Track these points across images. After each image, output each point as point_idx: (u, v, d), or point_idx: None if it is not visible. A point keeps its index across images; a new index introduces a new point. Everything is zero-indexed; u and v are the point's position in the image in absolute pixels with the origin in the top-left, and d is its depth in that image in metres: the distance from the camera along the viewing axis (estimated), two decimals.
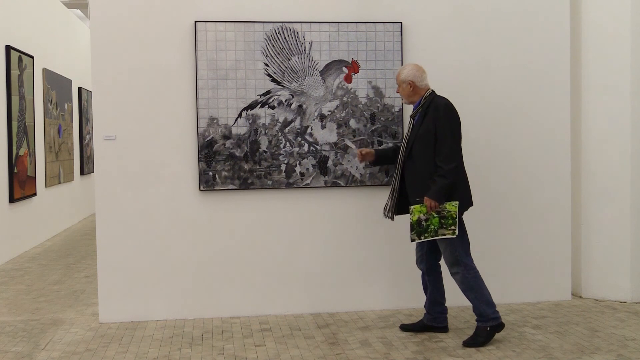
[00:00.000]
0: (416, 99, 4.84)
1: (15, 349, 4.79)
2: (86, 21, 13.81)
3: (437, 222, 4.66)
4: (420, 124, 4.73)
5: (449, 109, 4.68)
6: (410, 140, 4.78)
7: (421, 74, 4.82)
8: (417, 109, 4.81)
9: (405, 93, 4.86)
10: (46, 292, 6.54)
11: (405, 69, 4.85)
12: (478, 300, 4.69)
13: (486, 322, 4.69)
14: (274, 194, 5.55)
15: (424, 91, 4.82)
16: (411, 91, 4.82)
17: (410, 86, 4.80)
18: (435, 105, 4.70)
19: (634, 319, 5.30)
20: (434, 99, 4.75)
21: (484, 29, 5.74)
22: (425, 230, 4.70)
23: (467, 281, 4.69)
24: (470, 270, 4.70)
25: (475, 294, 4.69)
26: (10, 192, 8.30)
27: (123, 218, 5.40)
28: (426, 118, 4.71)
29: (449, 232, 4.65)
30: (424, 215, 4.69)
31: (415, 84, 4.79)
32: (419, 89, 4.81)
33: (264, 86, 5.46)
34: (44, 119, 9.91)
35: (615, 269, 5.84)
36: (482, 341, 4.66)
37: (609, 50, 5.81)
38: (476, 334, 4.71)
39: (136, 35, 5.38)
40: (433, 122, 4.66)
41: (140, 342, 4.90)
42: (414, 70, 4.81)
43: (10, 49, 8.30)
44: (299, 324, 5.30)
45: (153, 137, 5.42)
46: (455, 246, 4.69)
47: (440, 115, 4.64)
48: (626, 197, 5.80)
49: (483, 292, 4.70)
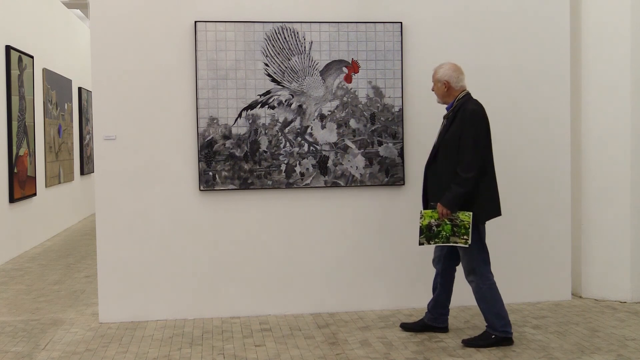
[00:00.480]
0: (450, 100, 4.74)
1: (15, 349, 4.79)
2: (86, 21, 13.81)
3: (449, 229, 4.62)
4: (448, 128, 4.65)
5: (476, 116, 4.56)
6: (437, 144, 4.71)
7: (458, 74, 4.71)
8: (449, 111, 4.72)
9: (439, 93, 4.76)
10: (46, 292, 6.54)
11: (442, 68, 4.74)
12: (489, 312, 4.65)
13: (493, 331, 4.66)
14: (274, 194, 5.55)
15: (458, 92, 4.71)
16: (445, 91, 4.72)
17: (445, 86, 4.71)
18: (463, 110, 4.59)
19: (634, 319, 5.30)
20: (464, 103, 4.64)
21: (484, 29, 5.74)
22: (436, 235, 4.66)
23: (481, 291, 4.65)
24: (485, 281, 4.65)
25: (487, 304, 4.65)
26: (10, 192, 8.30)
27: (123, 218, 5.40)
28: (454, 122, 4.61)
29: (462, 241, 4.59)
30: (435, 220, 4.66)
31: (451, 85, 4.69)
32: (453, 90, 4.71)
33: (264, 86, 5.46)
34: (44, 119, 9.91)
35: (615, 269, 5.84)
36: (482, 344, 4.63)
37: (609, 50, 5.81)
38: (480, 337, 4.69)
39: (136, 35, 5.38)
40: (459, 128, 4.56)
41: (140, 342, 4.90)
42: (451, 70, 4.71)
43: (10, 49, 8.30)
44: (299, 324, 5.30)
45: (153, 137, 5.42)
46: (473, 255, 4.64)
47: (465, 121, 4.55)
48: (626, 197, 5.80)
49: (495, 304, 4.64)
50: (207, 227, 5.49)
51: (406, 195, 5.68)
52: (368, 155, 5.57)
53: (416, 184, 5.68)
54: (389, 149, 5.60)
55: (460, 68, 4.77)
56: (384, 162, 5.60)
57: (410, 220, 5.70)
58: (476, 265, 4.64)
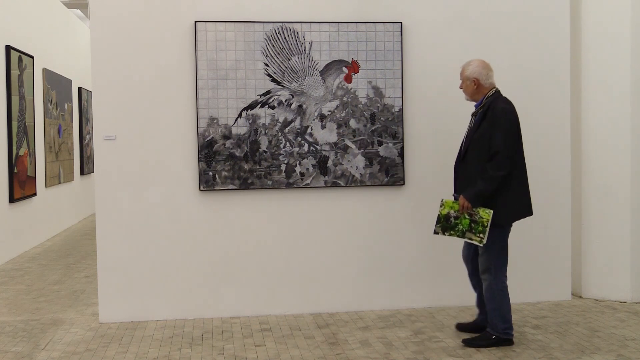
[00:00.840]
0: (479, 97, 4.67)
1: (15, 349, 4.79)
2: (86, 21, 13.81)
3: (467, 224, 4.60)
4: (478, 127, 4.59)
5: (507, 114, 4.52)
6: (467, 142, 4.67)
7: (487, 72, 4.66)
8: (478, 109, 4.67)
9: (468, 91, 4.70)
10: (46, 292, 6.54)
11: (470, 65, 4.68)
12: (494, 312, 4.64)
13: (494, 332, 4.65)
14: (274, 194, 5.55)
15: (487, 90, 4.65)
16: (475, 89, 4.66)
17: (474, 84, 4.65)
18: (493, 108, 4.54)
19: (634, 319, 5.30)
20: (494, 101, 4.58)
21: (484, 29, 5.74)
22: (452, 227, 4.65)
23: (491, 290, 4.63)
24: (499, 282, 4.62)
25: (494, 305, 4.63)
26: (10, 192, 8.30)
27: (123, 218, 5.40)
28: (484, 121, 4.56)
29: (477, 238, 4.56)
30: (454, 212, 4.64)
31: (480, 82, 4.64)
32: (483, 88, 4.65)
33: (264, 86, 5.46)
34: (44, 119, 9.91)
35: (615, 269, 5.84)
36: (481, 345, 4.63)
37: (609, 50, 5.81)
38: (480, 337, 4.69)
39: (136, 35, 5.38)
40: (489, 127, 4.51)
41: (140, 342, 4.90)
42: (480, 67, 4.65)
43: (10, 49, 8.30)
44: (299, 324, 5.30)
45: (153, 137, 5.42)
46: (492, 254, 4.60)
47: (496, 120, 4.49)
48: (626, 197, 5.80)
49: (502, 307, 4.62)
50: (207, 227, 5.49)
51: (406, 195, 5.68)
52: (368, 155, 5.57)
53: (416, 184, 5.69)
54: (389, 149, 5.60)
55: (489, 65, 4.70)
56: (384, 162, 5.60)
57: (410, 220, 5.70)
58: (493, 266, 4.61)
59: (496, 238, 4.59)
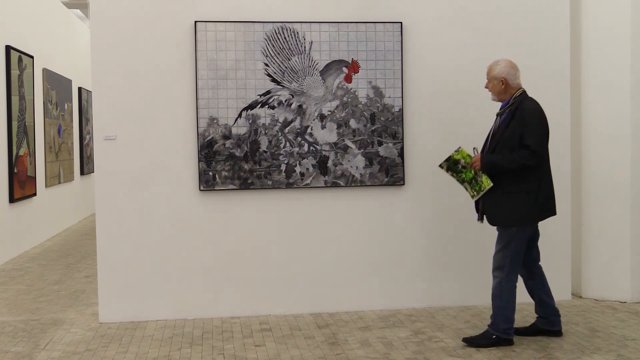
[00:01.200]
0: (506, 97, 4.65)
1: (15, 349, 4.79)
2: (86, 21, 13.81)
3: (470, 177, 4.66)
4: (506, 126, 4.57)
5: (539, 113, 4.53)
6: (494, 141, 4.65)
7: (515, 72, 4.65)
8: (504, 108, 4.65)
9: (496, 90, 4.67)
10: (46, 292, 6.54)
11: (498, 64, 4.65)
12: (499, 312, 4.62)
13: (495, 331, 4.64)
14: (274, 194, 5.54)
15: (515, 90, 4.64)
16: (502, 89, 4.64)
17: (502, 83, 4.63)
18: (523, 109, 4.53)
19: (634, 319, 5.30)
20: (522, 102, 4.58)
21: (484, 29, 5.74)
22: (456, 172, 4.72)
23: (500, 289, 4.61)
24: (509, 281, 4.61)
25: (501, 304, 4.61)
26: (10, 192, 8.30)
27: (123, 218, 5.40)
28: (513, 121, 4.54)
29: (471, 192, 4.69)
30: (464, 162, 4.68)
31: (508, 82, 4.62)
32: (510, 88, 4.63)
33: (264, 86, 5.46)
34: (44, 119, 9.91)
35: (615, 269, 5.84)
36: (482, 344, 4.62)
37: (609, 50, 5.81)
38: (480, 336, 4.68)
39: (136, 35, 5.38)
40: (519, 127, 4.50)
41: (140, 342, 4.90)
42: (508, 67, 4.63)
43: (10, 49, 8.30)
44: (299, 324, 5.30)
45: (153, 137, 5.42)
46: (507, 254, 4.59)
47: (527, 120, 4.49)
48: (626, 197, 5.80)
49: (507, 306, 4.61)
50: (207, 227, 5.49)
51: (406, 195, 5.68)
52: (368, 155, 5.57)
53: (416, 184, 5.69)
54: (389, 149, 5.60)
55: (516, 65, 4.70)
56: (384, 162, 5.60)
57: (410, 220, 5.70)
58: (506, 264, 4.59)
59: (514, 238, 4.57)
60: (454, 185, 5.73)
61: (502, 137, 4.59)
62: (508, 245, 4.59)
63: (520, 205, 4.55)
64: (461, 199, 5.74)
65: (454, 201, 5.71)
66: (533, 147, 4.46)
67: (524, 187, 4.55)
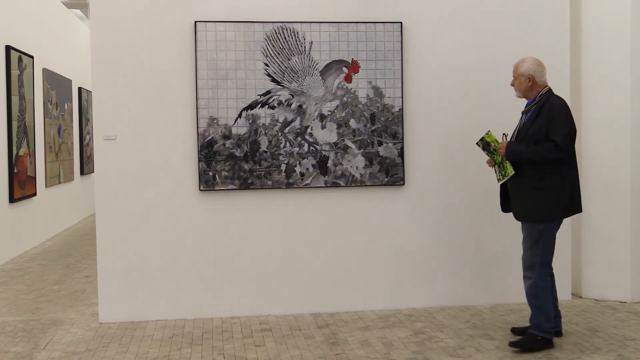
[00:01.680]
0: (532, 95, 4.63)
1: (15, 349, 4.79)
2: (86, 21, 13.80)
3: (498, 160, 4.67)
4: (532, 123, 4.56)
5: (566, 111, 4.50)
6: (519, 138, 4.62)
7: (541, 69, 4.63)
8: (530, 106, 4.64)
9: (522, 87, 4.64)
10: (46, 292, 6.54)
11: (525, 62, 4.63)
12: (539, 310, 4.57)
13: (539, 332, 4.58)
14: (274, 194, 5.54)
15: (541, 88, 4.62)
16: (529, 87, 4.61)
17: (529, 81, 4.60)
18: (550, 105, 4.52)
19: (634, 319, 5.30)
20: (549, 98, 4.56)
21: (484, 29, 5.74)
22: (490, 152, 4.73)
23: (535, 288, 4.56)
24: (543, 280, 4.57)
25: (539, 303, 4.56)
26: (10, 192, 8.30)
27: (123, 218, 5.40)
28: (539, 117, 4.52)
29: (498, 175, 4.73)
30: (494, 147, 4.69)
31: (535, 80, 4.60)
32: (537, 85, 4.61)
33: (264, 86, 5.46)
34: (44, 119, 9.91)
35: (615, 269, 5.84)
36: (530, 347, 4.52)
37: (609, 50, 5.80)
38: (526, 339, 4.58)
39: (136, 35, 5.38)
40: (546, 122, 4.49)
41: (140, 342, 4.90)
42: (535, 64, 4.61)
43: (10, 49, 8.30)
44: (299, 324, 5.30)
45: (153, 137, 5.42)
46: (537, 251, 4.56)
47: (555, 116, 4.47)
48: (626, 197, 5.80)
49: (546, 305, 4.57)
50: (207, 227, 5.49)
51: (406, 195, 5.68)
52: (368, 155, 5.57)
53: (416, 184, 5.69)
54: (389, 149, 5.60)
55: (543, 63, 4.68)
56: (384, 162, 5.60)
57: (410, 221, 5.70)
58: (537, 262, 4.55)
59: (542, 234, 4.55)
60: (453, 185, 5.75)
61: (527, 134, 4.56)
62: (537, 243, 4.55)
63: (546, 201, 4.52)
64: (461, 199, 5.75)
65: (454, 201, 5.71)
66: (558, 141, 4.43)
67: (549, 182, 4.51)
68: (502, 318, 5.36)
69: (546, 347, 4.56)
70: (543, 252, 4.57)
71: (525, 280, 4.65)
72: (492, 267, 5.78)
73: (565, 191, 4.55)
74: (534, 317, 4.61)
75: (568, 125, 4.49)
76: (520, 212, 4.64)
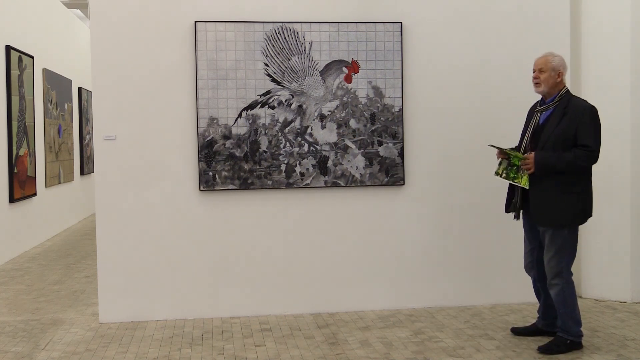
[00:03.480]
0: (554, 92, 4.56)
1: (15, 349, 4.79)
2: (86, 21, 13.80)
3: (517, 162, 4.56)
4: (557, 123, 4.47)
5: (595, 114, 4.44)
6: (544, 137, 4.50)
7: (566, 68, 4.61)
8: (549, 104, 4.57)
9: (549, 82, 4.53)
10: (46, 292, 6.54)
11: (556, 57, 4.55)
12: (568, 316, 4.54)
13: (568, 336, 4.55)
14: (274, 194, 5.54)
15: (562, 86, 4.57)
16: (557, 82, 4.54)
17: (558, 77, 4.53)
18: (576, 107, 4.45)
19: (634, 319, 5.30)
20: (572, 99, 4.51)
21: (484, 29, 5.74)
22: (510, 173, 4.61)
23: (563, 294, 4.52)
24: (570, 285, 4.52)
25: (567, 309, 4.53)
26: (10, 192, 8.30)
27: (123, 218, 5.40)
28: (565, 118, 4.44)
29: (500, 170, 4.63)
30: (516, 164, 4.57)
31: (562, 77, 4.56)
32: (562, 83, 4.57)
33: (264, 86, 5.46)
34: (44, 119, 9.91)
35: (615, 269, 5.84)
36: (558, 350, 4.50)
37: (609, 50, 5.80)
38: (554, 343, 4.56)
39: (136, 35, 5.38)
40: (575, 125, 4.40)
41: (140, 342, 4.90)
42: (564, 62, 4.57)
43: (10, 49, 8.30)
44: (299, 324, 5.30)
45: (153, 137, 5.42)
46: (564, 258, 4.51)
47: (584, 119, 4.40)
48: (626, 197, 5.80)
49: (574, 309, 4.54)
50: (207, 227, 5.49)
51: (406, 195, 5.68)
52: (368, 155, 5.57)
53: (416, 184, 5.69)
54: (389, 149, 5.60)
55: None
56: (384, 162, 5.60)
57: (410, 220, 5.70)
58: (564, 268, 4.51)
59: (567, 239, 4.50)
60: (453, 185, 5.75)
61: (554, 134, 4.47)
62: (562, 250, 4.50)
63: (572, 206, 4.48)
64: (461, 199, 5.74)
65: (454, 201, 5.71)
66: (592, 146, 4.39)
67: (577, 188, 4.48)
68: (502, 318, 5.36)
69: (575, 350, 4.54)
70: (568, 258, 4.53)
71: (551, 287, 4.56)
72: (492, 267, 5.78)
73: (586, 196, 4.53)
74: (561, 321, 4.58)
75: (598, 129, 4.44)
76: (545, 218, 4.53)
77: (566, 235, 4.51)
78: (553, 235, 4.52)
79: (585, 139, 4.40)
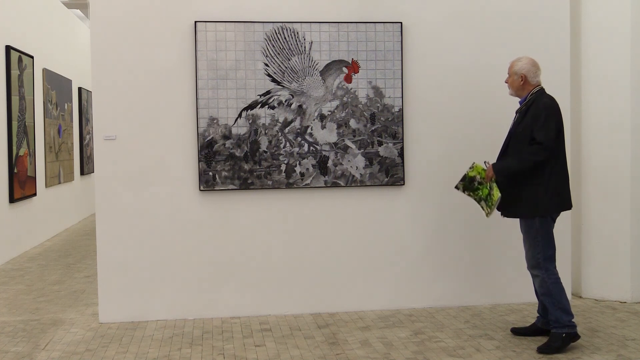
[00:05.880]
0: (524, 94, 4.71)
1: (15, 349, 4.79)
2: (86, 21, 13.80)
3: (485, 193, 4.70)
4: (520, 122, 4.63)
5: (551, 108, 4.55)
6: (508, 136, 4.72)
7: (535, 70, 4.69)
8: (521, 105, 4.71)
9: (514, 85, 4.72)
10: (46, 292, 6.54)
11: (520, 61, 4.72)
12: (554, 306, 4.58)
13: (561, 329, 4.56)
14: (274, 194, 5.54)
15: (533, 87, 4.69)
16: (520, 85, 4.69)
17: (521, 79, 4.67)
18: (537, 105, 4.58)
19: (634, 319, 5.30)
20: (538, 97, 4.63)
21: (484, 29, 5.74)
22: (473, 190, 4.75)
23: (545, 285, 4.59)
24: (551, 275, 4.59)
25: (552, 299, 4.58)
26: (10, 192, 8.30)
27: (123, 218, 5.40)
28: (526, 117, 4.60)
29: (486, 210, 4.72)
30: (480, 178, 4.72)
31: (527, 79, 4.67)
32: (529, 85, 4.68)
33: (264, 86, 5.46)
34: (44, 119, 9.91)
35: (615, 269, 5.84)
36: (557, 347, 4.52)
37: (609, 49, 5.80)
38: (551, 340, 4.58)
39: (136, 35, 5.38)
40: (531, 121, 4.54)
41: (140, 342, 4.90)
42: (529, 64, 4.68)
43: (10, 49, 8.30)
44: (299, 324, 5.30)
45: (153, 137, 5.42)
46: (538, 249, 4.60)
47: (538, 114, 4.52)
48: (626, 197, 5.80)
49: (560, 299, 4.58)
50: (207, 227, 5.49)
51: (406, 195, 5.68)
52: (368, 155, 5.57)
53: (416, 184, 5.69)
54: (389, 149, 5.60)
55: (538, 63, 4.74)
56: (384, 162, 5.60)
57: (410, 220, 5.70)
58: (541, 259, 4.59)
59: (539, 230, 4.59)
60: (454, 185, 5.74)
61: (515, 132, 4.65)
62: (535, 241, 4.61)
63: (534, 197, 4.56)
64: (461, 199, 5.74)
65: (454, 201, 5.70)
66: (540, 139, 4.48)
67: (535, 180, 4.57)
68: (502, 318, 5.36)
69: (572, 341, 4.57)
70: (543, 247, 4.60)
71: (534, 279, 4.69)
72: (492, 267, 5.78)
73: (548, 187, 4.57)
74: (551, 314, 4.61)
75: (551, 123, 4.53)
76: (512, 209, 4.70)
77: (538, 226, 4.60)
78: (526, 227, 4.68)
79: (536, 134, 4.52)
